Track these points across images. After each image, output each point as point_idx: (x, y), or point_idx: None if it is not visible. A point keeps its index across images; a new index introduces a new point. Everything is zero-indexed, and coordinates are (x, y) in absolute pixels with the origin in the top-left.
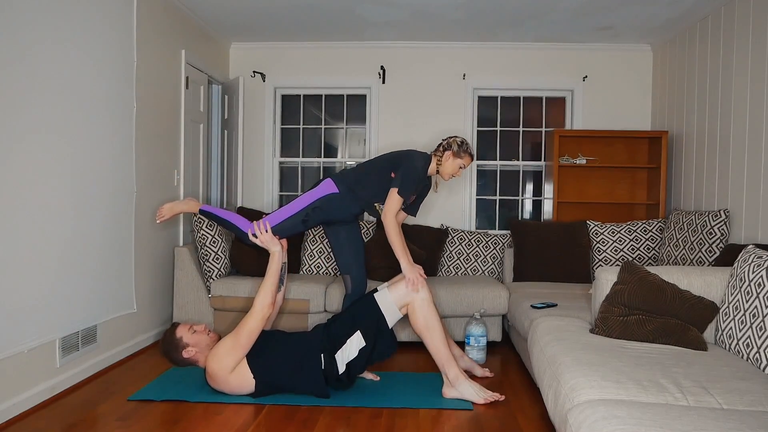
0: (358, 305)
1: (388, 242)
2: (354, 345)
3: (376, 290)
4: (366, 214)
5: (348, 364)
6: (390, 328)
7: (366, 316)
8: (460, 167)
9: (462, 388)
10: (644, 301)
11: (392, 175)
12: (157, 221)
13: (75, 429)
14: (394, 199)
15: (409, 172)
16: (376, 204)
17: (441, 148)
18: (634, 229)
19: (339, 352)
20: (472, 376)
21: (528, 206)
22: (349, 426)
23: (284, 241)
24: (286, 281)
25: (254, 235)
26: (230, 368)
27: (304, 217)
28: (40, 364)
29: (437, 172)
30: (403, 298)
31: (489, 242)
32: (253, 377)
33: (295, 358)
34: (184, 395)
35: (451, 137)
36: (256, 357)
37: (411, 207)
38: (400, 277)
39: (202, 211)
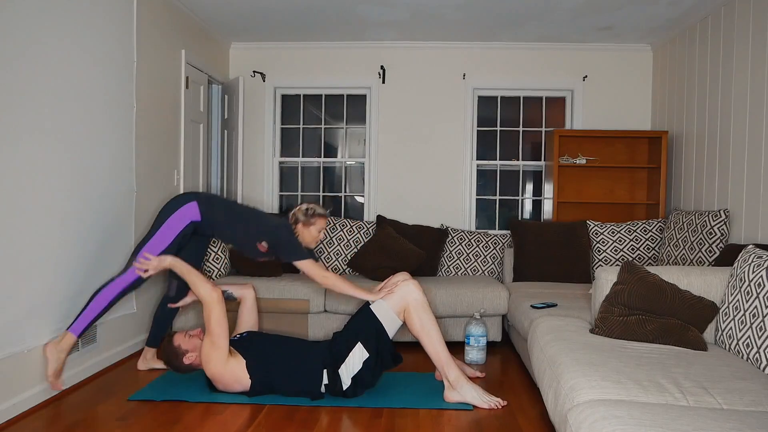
0: (355, 318)
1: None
2: (357, 357)
3: (368, 303)
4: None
5: (354, 378)
6: (390, 337)
7: (364, 327)
8: (319, 231)
9: (464, 390)
10: (644, 301)
11: (261, 244)
12: (60, 389)
13: (75, 429)
14: (313, 265)
15: (293, 242)
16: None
17: (292, 223)
18: (634, 229)
19: (342, 366)
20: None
21: (528, 206)
22: (349, 426)
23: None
24: (241, 292)
25: (145, 271)
26: (223, 360)
27: (177, 247)
28: (40, 364)
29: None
30: (398, 303)
31: (489, 242)
32: (249, 376)
33: (293, 362)
34: (184, 395)
35: (296, 208)
36: (253, 356)
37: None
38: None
39: (81, 331)
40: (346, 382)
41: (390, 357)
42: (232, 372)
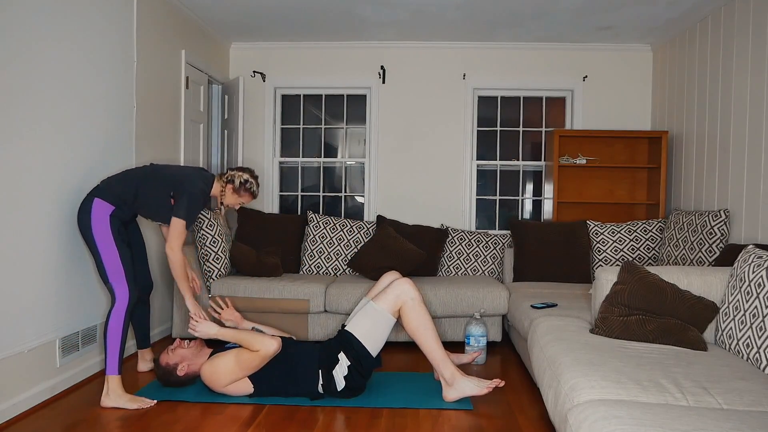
0: (335, 338)
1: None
2: (344, 362)
3: (344, 325)
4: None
5: (345, 378)
6: (385, 337)
7: (342, 339)
8: (240, 203)
9: (461, 385)
10: (644, 301)
11: (171, 197)
12: (150, 404)
13: (75, 429)
14: (180, 230)
15: (193, 199)
16: (156, 222)
17: (225, 179)
18: (634, 229)
19: (337, 367)
20: (464, 367)
21: (528, 206)
22: (349, 426)
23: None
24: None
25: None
26: (224, 384)
27: (125, 245)
28: (40, 364)
29: (220, 199)
30: (393, 303)
31: (489, 242)
32: (253, 385)
33: (293, 364)
34: (184, 395)
35: (239, 171)
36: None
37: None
38: (379, 287)
39: (117, 367)
40: (339, 384)
41: (371, 363)
42: (234, 388)
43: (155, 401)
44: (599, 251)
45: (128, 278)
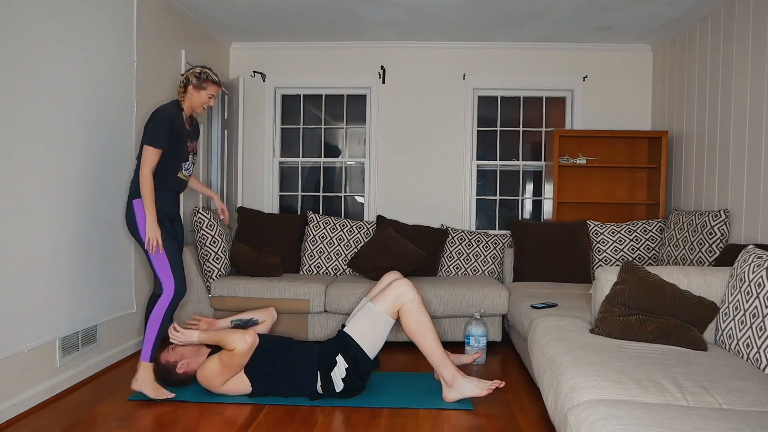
0: (333, 339)
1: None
2: (341, 365)
3: (343, 325)
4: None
5: (344, 380)
6: (383, 338)
7: (341, 342)
8: (210, 96)
9: (461, 386)
10: (644, 301)
11: None
12: (168, 395)
13: (75, 429)
14: (146, 156)
15: (155, 123)
16: (179, 174)
17: (182, 86)
18: (634, 229)
19: (335, 369)
20: (464, 368)
21: (528, 206)
22: (349, 426)
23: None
24: (264, 316)
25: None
26: (219, 385)
27: (164, 242)
28: (40, 364)
29: (191, 106)
30: (392, 304)
31: (489, 242)
32: (250, 384)
33: (290, 364)
34: (184, 395)
35: (189, 70)
36: (253, 363)
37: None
38: (379, 287)
39: (150, 355)
40: (338, 386)
41: (369, 365)
42: (231, 387)
43: (174, 394)
44: (599, 251)
45: (174, 271)
